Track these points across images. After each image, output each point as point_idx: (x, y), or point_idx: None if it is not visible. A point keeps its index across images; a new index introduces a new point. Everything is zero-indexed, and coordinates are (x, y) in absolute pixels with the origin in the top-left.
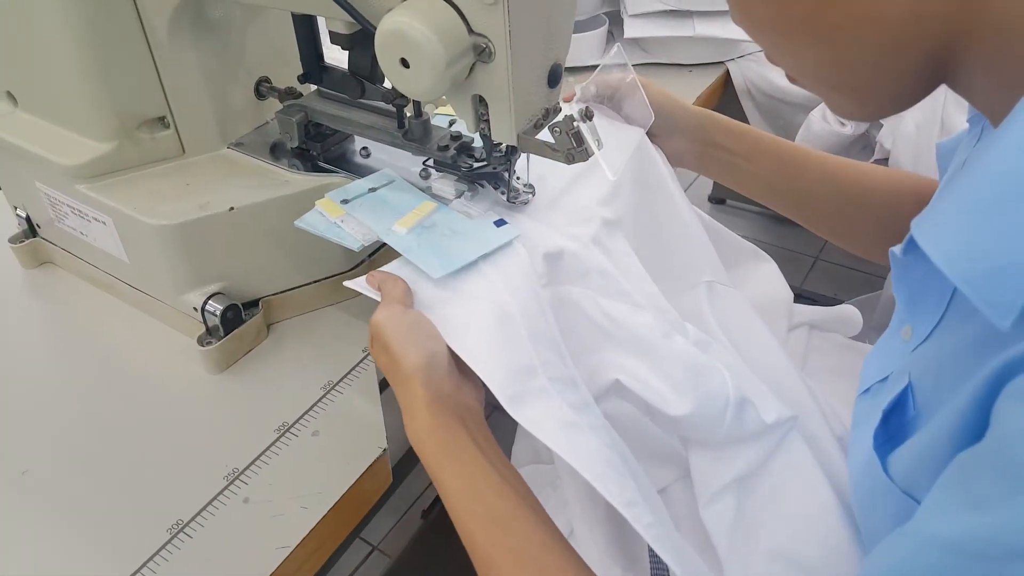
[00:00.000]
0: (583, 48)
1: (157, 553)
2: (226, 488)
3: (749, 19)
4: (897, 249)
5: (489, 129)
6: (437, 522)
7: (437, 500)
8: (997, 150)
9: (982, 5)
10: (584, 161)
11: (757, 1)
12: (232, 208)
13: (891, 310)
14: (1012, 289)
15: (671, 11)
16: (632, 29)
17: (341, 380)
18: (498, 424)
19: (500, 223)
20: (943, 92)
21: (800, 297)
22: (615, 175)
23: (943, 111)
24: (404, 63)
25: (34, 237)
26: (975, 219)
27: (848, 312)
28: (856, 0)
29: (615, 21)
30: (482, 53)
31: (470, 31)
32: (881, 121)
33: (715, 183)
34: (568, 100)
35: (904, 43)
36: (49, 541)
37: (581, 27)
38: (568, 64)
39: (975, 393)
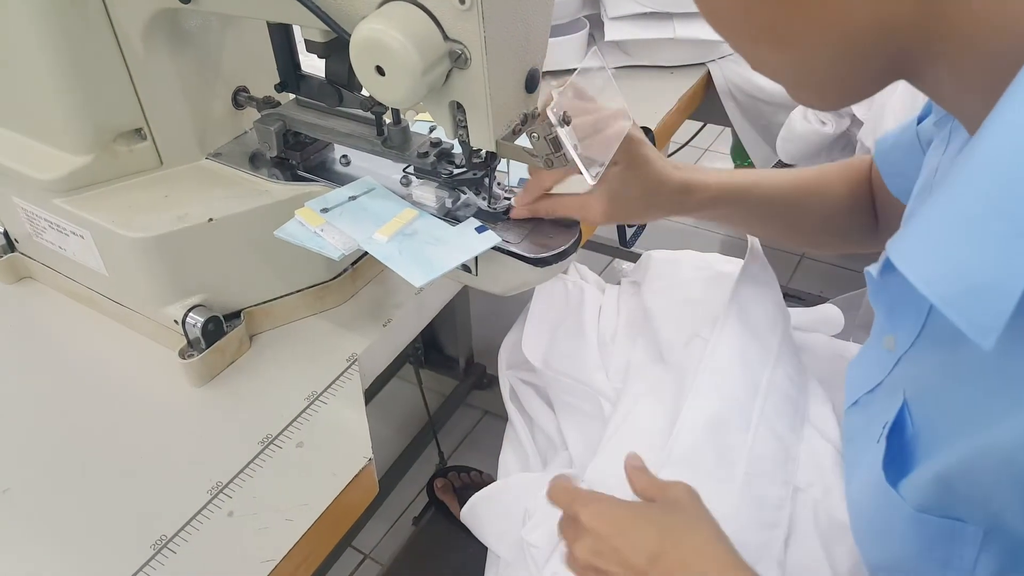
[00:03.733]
0: (563, 52)
1: (140, 570)
2: (210, 502)
3: (714, 19)
4: (872, 269)
5: (468, 135)
6: (428, 529)
7: (428, 507)
8: (971, 165)
9: (944, 13)
10: (563, 166)
11: (723, 4)
12: (211, 219)
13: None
14: (991, 310)
15: (651, 13)
16: (612, 32)
17: (325, 390)
18: (488, 430)
19: (481, 229)
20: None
21: (786, 296)
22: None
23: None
24: (380, 71)
25: (12, 252)
26: (951, 238)
27: (830, 312)
28: (820, 7)
29: (595, 24)
30: (458, 59)
31: (445, 37)
32: (862, 120)
33: None
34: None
35: (867, 48)
36: (31, 559)
37: (561, 30)
38: (549, 68)
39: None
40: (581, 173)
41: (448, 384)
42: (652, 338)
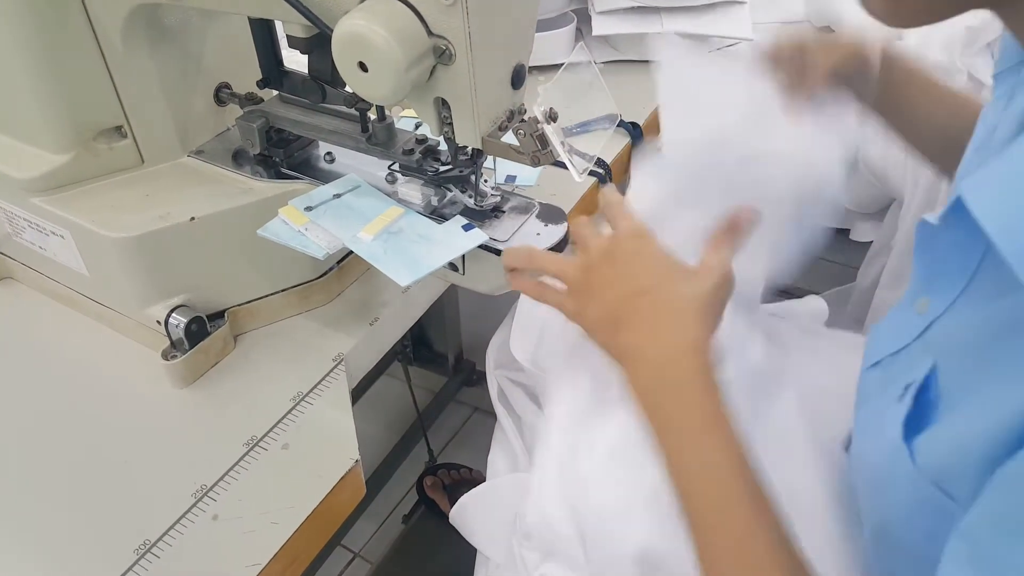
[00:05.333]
0: (551, 46)
1: (124, 575)
2: (194, 505)
3: None
4: (931, 216)
5: (453, 132)
6: (418, 527)
7: (417, 505)
8: None
9: None
10: (550, 163)
11: None
12: (193, 218)
13: (867, 301)
14: None
15: (639, 8)
16: (600, 26)
17: (311, 391)
18: (478, 427)
19: (468, 227)
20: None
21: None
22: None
23: None
24: (362, 67)
25: None
26: None
27: (814, 304)
28: None
29: (583, 18)
30: (442, 55)
31: (429, 33)
32: None
33: None
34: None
35: None
36: (12, 564)
37: (549, 25)
38: (537, 63)
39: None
40: (568, 169)
41: (437, 381)
42: None
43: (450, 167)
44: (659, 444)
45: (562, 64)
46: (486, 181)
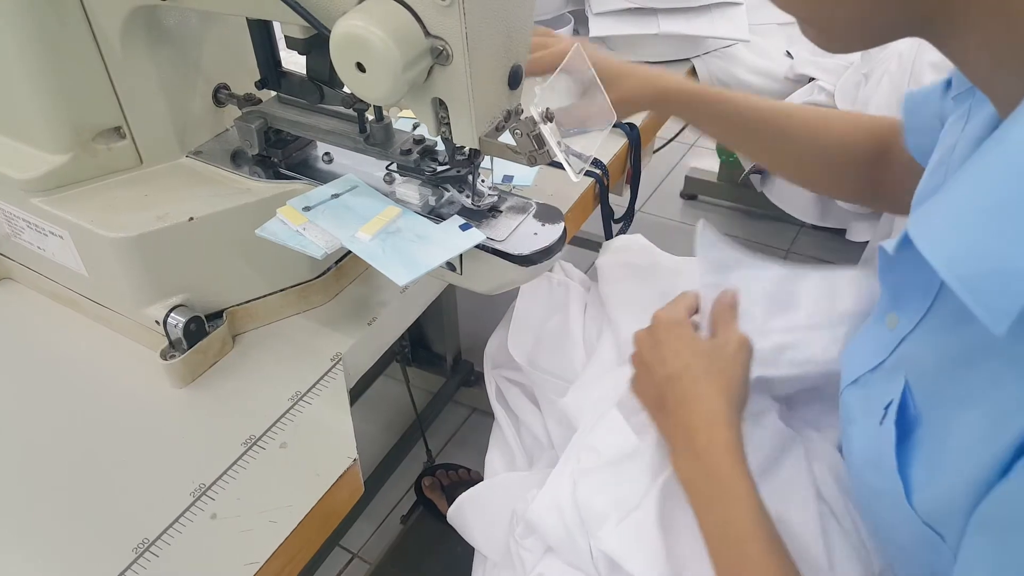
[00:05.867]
0: None
1: (122, 573)
2: (193, 504)
3: None
4: (888, 245)
5: (450, 132)
6: (416, 528)
7: (416, 505)
8: (1003, 150)
9: None
10: (546, 163)
11: None
12: (192, 218)
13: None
14: (1010, 294)
15: (636, 9)
16: (597, 27)
17: (309, 390)
18: (476, 427)
19: (466, 227)
20: (908, 72)
21: None
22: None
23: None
24: (360, 67)
25: None
26: (976, 221)
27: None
28: None
29: (580, 20)
30: (439, 56)
31: (426, 33)
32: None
33: (686, 178)
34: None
35: (889, 4)
36: (10, 563)
37: (546, 26)
38: None
39: (1007, 449)
40: (564, 169)
41: (435, 381)
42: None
43: (447, 167)
44: (692, 507)
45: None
46: (483, 181)
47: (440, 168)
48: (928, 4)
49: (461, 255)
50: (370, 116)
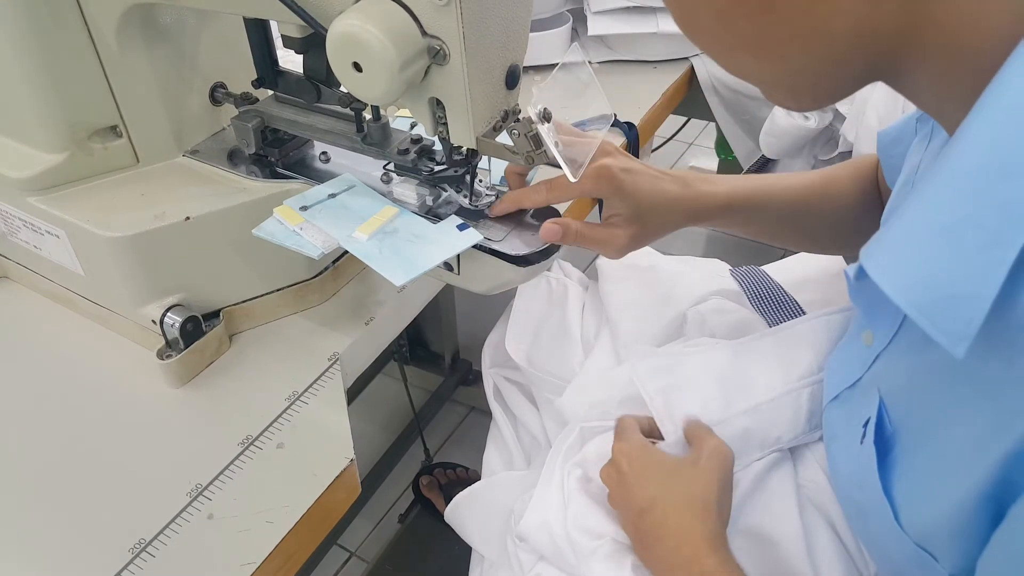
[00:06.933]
0: (547, 46)
1: (119, 574)
2: (189, 504)
3: (690, 29)
4: (850, 271)
5: (448, 132)
6: (414, 527)
7: (413, 504)
8: (944, 174)
9: (928, 21)
10: (543, 163)
11: (702, 16)
12: (188, 218)
13: None
14: (963, 319)
15: (634, 7)
16: (596, 26)
17: (306, 390)
18: (474, 426)
19: (463, 227)
20: None
21: None
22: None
23: (904, 104)
24: (357, 67)
25: None
26: (923, 247)
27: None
28: (803, 17)
29: (579, 18)
30: (436, 55)
31: (423, 33)
32: (844, 115)
33: None
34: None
35: (849, 53)
36: (6, 564)
37: (545, 25)
38: (532, 63)
39: (987, 473)
40: (562, 170)
41: (433, 380)
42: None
43: (445, 167)
44: None
45: (557, 64)
46: (480, 181)
47: (437, 168)
48: (885, 48)
49: (458, 255)
50: (367, 115)
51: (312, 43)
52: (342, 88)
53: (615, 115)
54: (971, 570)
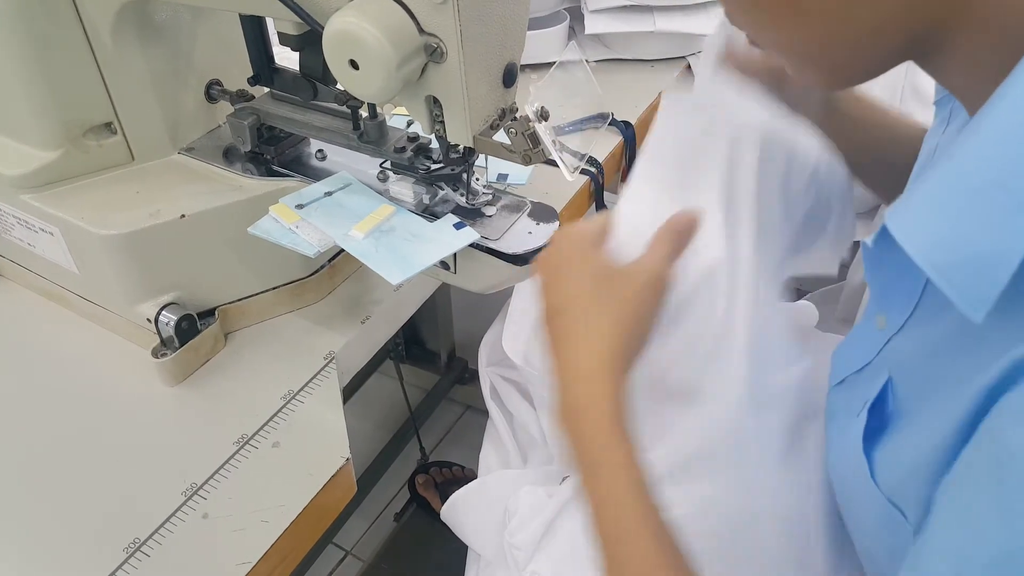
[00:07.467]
0: (544, 45)
1: (113, 573)
2: (184, 504)
3: None
4: (868, 239)
5: (445, 130)
6: (409, 525)
7: (409, 503)
8: (976, 140)
9: None
10: (541, 162)
11: None
12: (183, 215)
13: (856, 300)
14: (986, 279)
15: (631, 6)
16: (593, 25)
17: (302, 389)
18: (470, 425)
19: (460, 226)
20: (900, 83)
21: None
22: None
23: (901, 101)
24: (353, 64)
25: None
26: (951, 208)
27: (803, 307)
28: None
29: (576, 17)
30: (434, 53)
31: (421, 31)
32: None
33: None
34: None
35: (891, 24)
36: (0, 563)
37: (542, 23)
38: (530, 61)
39: (964, 411)
40: (559, 167)
41: (429, 379)
42: None
43: (442, 165)
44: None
45: (554, 62)
46: (477, 179)
47: (434, 166)
48: (929, 17)
49: (455, 254)
50: (364, 113)
51: (308, 40)
52: (338, 86)
53: (612, 114)
54: None
